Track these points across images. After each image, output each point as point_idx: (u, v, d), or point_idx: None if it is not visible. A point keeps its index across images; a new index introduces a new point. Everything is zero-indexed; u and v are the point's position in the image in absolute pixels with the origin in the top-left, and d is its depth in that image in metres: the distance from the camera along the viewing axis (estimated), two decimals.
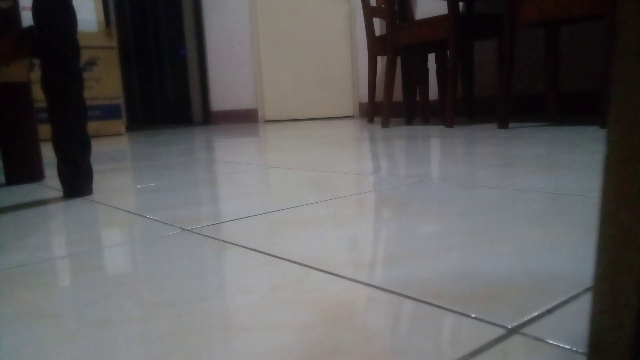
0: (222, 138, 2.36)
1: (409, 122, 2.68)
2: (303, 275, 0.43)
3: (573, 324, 0.32)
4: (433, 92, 3.23)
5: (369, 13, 2.89)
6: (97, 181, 1.11)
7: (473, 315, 0.34)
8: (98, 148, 2.16)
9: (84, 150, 0.92)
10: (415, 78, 2.79)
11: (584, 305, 0.34)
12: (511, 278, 0.40)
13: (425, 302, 0.36)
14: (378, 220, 0.61)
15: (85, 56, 3.00)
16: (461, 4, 2.80)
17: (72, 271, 0.48)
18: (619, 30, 0.22)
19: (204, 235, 0.59)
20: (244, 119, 4.22)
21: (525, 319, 0.33)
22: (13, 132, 1.14)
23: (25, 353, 0.32)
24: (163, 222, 0.67)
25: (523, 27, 2.42)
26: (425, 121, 2.68)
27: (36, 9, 0.87)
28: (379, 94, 3.65)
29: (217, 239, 0.57)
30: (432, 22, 2.14)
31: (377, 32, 3.42)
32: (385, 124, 2.40)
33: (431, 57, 3.14)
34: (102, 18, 3.04)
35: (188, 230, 0.62)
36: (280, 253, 0.50)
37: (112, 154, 1.82)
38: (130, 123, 5.25)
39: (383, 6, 2.73)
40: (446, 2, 2.28)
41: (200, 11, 4.26)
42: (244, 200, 0.79)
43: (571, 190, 0.72)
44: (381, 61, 3.61)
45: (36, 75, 2.71)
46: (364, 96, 3.96)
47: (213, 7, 4.21)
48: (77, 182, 0.92)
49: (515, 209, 0.62)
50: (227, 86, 4.26)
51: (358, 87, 4.04)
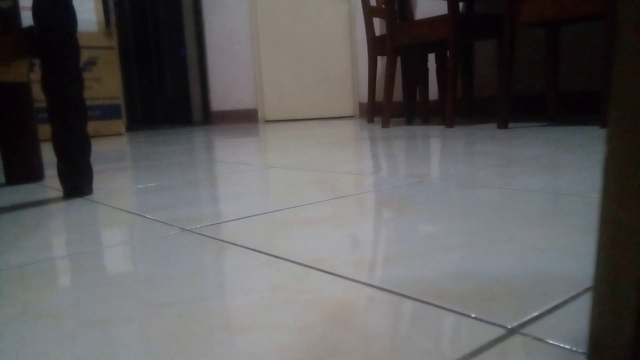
0: (222, 138, 2.36)
1: (409, 122, 2.68)
2: (303, 275, 0.43)
3: (573, 324, 0.32)
4: (433, 92, 3.23)
5: (369, 13, 2.89)
6: (97, 181, 1.11)
7: (473, 315, 0.34)
8: (98, 148, 2.16)
9: (84, 150, 0.92)
10: (415, 78, 2.79)
11: (584, 305, 0.34)
12: (511, 278, 0.40)
13: (425, 302, 0.36)
14: (378, 220, 0.61)
15: (85, 56, 3.01)
16: (461, 4, 2.80)
17: (72, 271, 0.48)
18: (619, 30, 0.22)
19: (204, 235, 0.59)
20: (244, 119, 4.22)
21: (525, 319, 0.33)
22: (13, 132, 1.14)
23: (25, 353, 0.32)
24: (163, 222, 0.67)
25: (523, 27, 2.42)
26: (425, 121, 2.68)
27: (36, 9, 0.87)
28: (379, 94, 3.65)
29: (217, 239, 0.57)
30: (432, 22, 2.15)
31: (377, 32, 3.42)
32: (385, 124, 2.40)
33: (431, 57, 3.14)
34: (102, 18, 3.04)
35: (188, 230, 0.62)
36: (280, 253, 0.50)
37: (112, 154, 1.82)
38: (130, 123, 5.25)
39: (383, 6, 2.73)
40: (446, 2, 2.28)
41: (200, 11, 4.27)
42: (244, 200, 0.79)
43: (571, 190, 0.72)
44: (381, 61, 3.61)
45: (36, 75, 2.71)
46: (364, 96, 3.96)
47: (213, 7, 4.21)
48: (77, 182, 0.92)
49: (515, 209, 0.62)
50: (227, 86, 4.26)
51: (358, 87, 4.04)
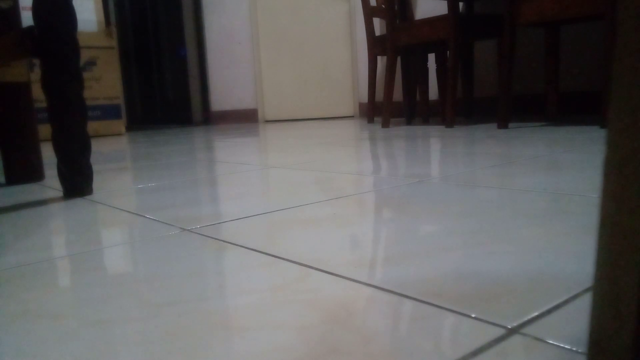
0: (222, 138, 2.36)
1: (409, 122, 2.68)
2: (303, 275, 0.43)
3: (573, 324, 0.32)
4: (433, 92, 3.23)
5: (369, 13, 2.89)
6: (97, 181, 1.11)
7: (473, 315, 0.34)
8: (98, 148, 2.16)
9: (84, 150, 0.92)
10: (415, 78, 2.79)
11: (584, 305, 0.34)
12: (511, 278, 0.40)
13: (425, 302, 0.36)
14: (378, 220, 0.61)
15: (85, 56, 3.00)
16: (461, 4, 2.80)
17: (72, 271, 0.48)
18: (619, 30, 0.22)
19: (204, 235, 0.59)
20: (244, 119, 4.22)
21: (525, 319, 0.33)
22: (13, 132, 1.14)
23: (25, 353, 0.32)
24: (163, 222, 0.67)
25: (523, 27, 2.42)
26: (425, 121, 2.68)
27: (36, 9, 0.87)
28: (379, 94, 3.65)
29: (217, 239, 0.57)
30: (432, 22, 2.15)
31: (377, 32, 3.42)
32: (385, 124, 2.40)
33: (431, 57, 3.14)
34: (102, 18, 3.04)
35: (188, 230, 0.62)
36: (280, 253, 0.50)
37: (112, 154, 1.82)
38: (130, 123, 5.25)
39: (383, 6, 2.73)
40: (446, 2, 2.28)
41: (200, 11, 4.26)
42: (244, 200, 0.79)
43: (571, 190, 0.72)
44: (381, 61, 3.61)
45: (36, 75, 2.71)
46: (364, 96, 3.96)
47: (213, 7, 4.21)
48: (77, 182, 0.92)
49: (515, 209, 0.62)
50: (227, 86, 4.26)
51: (358, 87, 4.04)
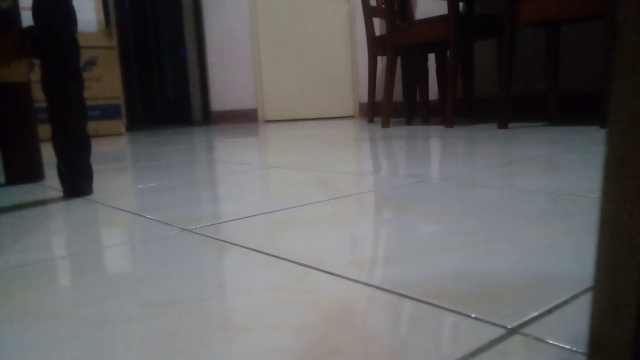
0: (222, 138, 2.36)
1: (409, 122, 2.68)
2: (303, 275, 0.43)
3: (573, 324, 0.32)
4: (433, 92, 3.23)
5: (369, 13, 2.89)
6: (97, 181, 1.11)
7: (473, 315, 0.34)
8: (98, 148, 2.16)
9: (84, 150, 0.92)
10: (415, 78, 2.79)
11: (584, 305, 0.34)
12: (511, 278, 0.40)
13: (425, 302, 0.36)
14: (378, 220, 0.61)
15: (85, 56, 3.00)
16: (461, 4, 2.80)
17: (72, 271, 0.48)
18: (619, 30, 0.22)
19: (204, 235, 0.59)
20: (244, 119, 4.22)
21: (525, 319, 0.33)
22: (13, 132, 1.14)
23: (25, 353, 0.32)
24: (163, 222, 0.67)
25: (523, 27, 2.42)
26: (425, 121, 2.68)
27: (36, 9, 0.87)
28: (379, 94, 3.65)
29: (217, 239, 0.57)
30: (432, 22, 2.15)
31: (377, 32, 3.41)
32: (385, 124, 2.40)
33: (431, 57, 3.14)
34: (102, 18, 3.04)
35: (188, 230, 0.62)
36: (280, 253, 0.50)
37: (112, 154, 1.82)
38: (130, 123, 5.25)
39: (383, 6, 2.73)
40: (446, 2, 2.28)
41: (200, 11, 4.26)
42: (244, 200, 0.79)
43: (571, 190, 0.72)
44: (381, 61, 3.61)
45: (36, 75, 2.71)
46: (364, 96, 3.96)
47: (213, 7, 4.21)
48: (77, 182, 0.92)
49: (515, 209, 0.62)
50: (227, 86, 4.26)
51: (358, 87, 4.04)
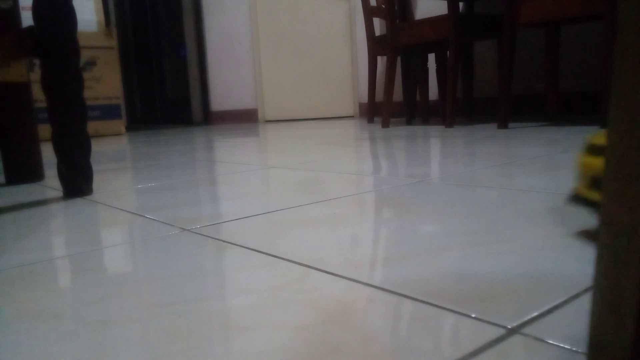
0: (222, 138, 2.36)
1: (409, 122, 2.68)
2: (303, 275, 0.43)
3: (573, 324, 0.32)
4: (433, 92, 3.23)
5: (369, 13, 2.89)
6: (97, 181, 1.11)
7: (473, 315, 0.34)
8: (98, 148, 2.16)
9: (84, 150, 0.92)
10: (415, 78, 2.79)
11: (584, 305, 0.34)
12: (511, 278, 0.40)
13: (425, 302, 0.36)
14: (378, 220, 0.61)
15: (85, 56, 3.00)
16: (461, 4, 2.80)
17: (72, 271, 0.48)
18: (619, 30, 0.22)
19: (204, 235, 0.59)
20: (244, 119, 4.22)
21: (525, 319, 0.33)
22: (13, 132, 1.14)
23: (25, 353, 0.32)
24: (163, 222, 0.67)
25: (523, 27, 2.42)
26: (425, 121, 2.68)
27: (36, 9, 0.87)
28: (379, 94, 3.65)
29: (217, 239, 0.57)
30: (432, 22, 2.15)
31: (377, 32, 3.41)
32: (385, 124, 2.40)
33: (431, 57, 3.14)
34: (102, 18, 3.04)
35: (188, 230, 0.62)
36: (280, 253, 0.50)
37: (112, 154, 1.82)
38: (130, 123, 5.25)
39: (383, 6, 2.73)
40: (446, 2, 2.28)
41: (200, 11, 4.26)
42: (244, 200, 0.79)
43: (571, 190, 0.72)
44: (381, 61, 3.61)
45: (36, 75, 2.71)
46: (364, 96, 3.96)
47: (213, 7, 4.21)
48: (77, 182, 0.92)
49: (515, 209, 0.62)
50: (227, 86, 4.26)
51: (358, 87, 4.04)
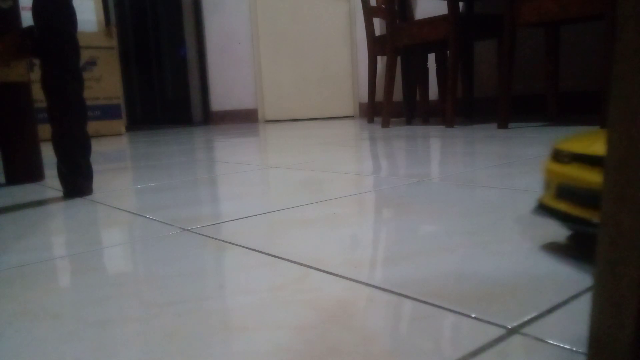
0: (222, 138, 2.36)
1: (409, 122, 2.68)
2: (303, 275, 0.43)
3: (573, 324, 0.32)
4: (433, 92, 3.23)
5: (369, 13, 2.89)
6: (97, 181, 1.11)
7: (473, 315, 0.34)
8: (98, 148, 2.16)
9: (84, 150, 0.92)
10: (415, 78, 2.79)
11: (584, 305, 0.34)
12: (511, 278, 0.40)
13: (425, 302, 0.36)
14: (378, 220, 0.61)
15: (85, 56, 3.00)
16: (461, 4, 2.80)
17: (72, 271, 0.48)
18: (619, 30, 0.22)
19: (204, 235, 0.59)
20: (244, 119, 4.22)
21: (525, 319, 0.33)
22: (13, 132, 1.14)
23: (25, 353, 0.32)
24: (163, 222, 0.67)
25: (523, 27, 2.42)
26: (425, 121, 2.68)
27: (36, 9, 0.87)
28: (379, 94, 3.65)
29: (217, 239, 0.57)
30: (432, 22, 2.14)
31: (377, 32, 3.42)
32: (385, 124, 2.40)
33: (431, 57, 3.14)
34: (102, 18, 3.04)
35: (188, 230, 0.62)
36: (280, 253, 0.50)
37: (112, 154, 1.82)
38: (130, 123, 5.25)
39: (383, 6, 2.73)
40: (446, 2, 2.28)
41: (200, 11, 4.26)
42: (244, 200, 0.79)
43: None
44: (381, 61, 3.61)
45: (36, 75, 2.71)
46: (364, 96, 3.96)
47: (213, 7, 4.21)
48: (77, 182, 0.92)
49: (515, 209, 0.62)
50: (227, 86, 4.26)
51: (358, 87, 4.04)
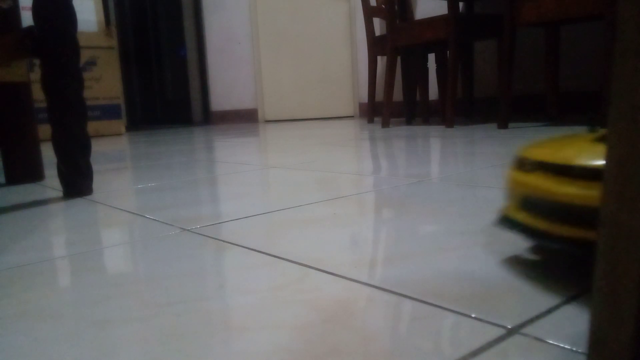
0: (222, 138, 2.36)
1: (409, 122, 2.68)
2: (303, 275, 0.43)
3: (573, 324, 0.32)
4: (433, 92, 3.23)
5: (369, 13, 2.89)
6: (97, 181, 1.11)
7: (473, 315, 0.34)
8: (98, 148, 2.16)
9: (84, 150, 0.92)
10: (415, 78, 2.79)
11: (584, 305, 0.34)
12: (511, 278, 0.40)
13: (425, 302, 0.36)
14: (378, 220, 0.61)
15: (85, 56, 3.00)
16: (461, 4, 2.80)
17: (72, 271, 0.48)
18: (619, 30, 0.22)
19: (204, 235, 0.59)
20: (244, 119, 4.22)
21: (525, 319, 0.33)
22: (13, 132, 1.14)
23: (25, 353, 0.32)
24: (163, 222, 0.67)
25: (523, 27, 2.42)
26: (425, 121, 2.68)
27: (36, 9, 0.87)
28: (379, 94, 3.65)
29: (217, 239, 0.57)
30: (432, 22, 2.14)
31: (377, 32, 3.42)
32: (385, 124, 2.40)
33: (431, 57, 3.14)
34: (102, 18, 3.04)
35: (188, 230, 0.62)
36: (280, 253, 0.50)
37: (112, 154, 1.82)
38: (130, 123, 5.25)
39: (383, 6, 2.73)
40: (446, 2, 2.28)
41: (200, 11, 4.27)
42: (244, 200, 0.79)
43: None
44: (381, 61, 3.61)
45: (36, 75, 2.71)
46: (364, 96, 3.96)
47: (213, 7, 4.21)
48: (77, 182, 0.92)
49: None
50: (227, 86, 4.26)
51: (358, 87, 4.04)
